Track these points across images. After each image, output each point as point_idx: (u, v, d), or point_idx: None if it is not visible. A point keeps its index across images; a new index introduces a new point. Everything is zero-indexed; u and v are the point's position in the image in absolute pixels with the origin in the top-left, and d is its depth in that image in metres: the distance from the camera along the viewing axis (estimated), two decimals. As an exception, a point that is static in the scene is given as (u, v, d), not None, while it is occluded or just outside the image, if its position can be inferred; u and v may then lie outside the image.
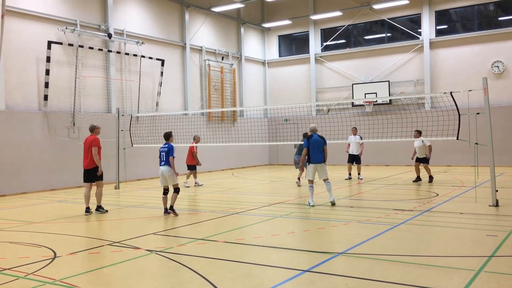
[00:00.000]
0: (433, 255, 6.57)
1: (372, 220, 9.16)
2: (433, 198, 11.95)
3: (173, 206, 10.21)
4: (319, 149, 11.10)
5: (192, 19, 22.52)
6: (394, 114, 19.70)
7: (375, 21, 24.61)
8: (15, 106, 15.44)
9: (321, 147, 11.13)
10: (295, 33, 27.13)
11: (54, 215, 10.79)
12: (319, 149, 11.10)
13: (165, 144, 10.32)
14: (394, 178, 17.13)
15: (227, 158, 23.74)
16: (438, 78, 22.69)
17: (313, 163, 11.12)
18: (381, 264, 6.18)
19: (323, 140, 11.23)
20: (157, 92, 20.31)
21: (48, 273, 6.07)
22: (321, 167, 11.19)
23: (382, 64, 24.03)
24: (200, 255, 6.84)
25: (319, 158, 11.10)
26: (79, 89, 17.14)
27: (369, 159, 23.49)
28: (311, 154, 11.10)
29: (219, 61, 23.97)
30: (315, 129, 11.43)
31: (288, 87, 26.71)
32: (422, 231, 8.23)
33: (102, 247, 7.49)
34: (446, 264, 6.13)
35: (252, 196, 13.86)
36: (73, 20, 17.14)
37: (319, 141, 11.14)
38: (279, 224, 9.34)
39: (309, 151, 11.11)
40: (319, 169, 11.20)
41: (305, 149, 11.19)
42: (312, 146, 11.08)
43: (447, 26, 23.18)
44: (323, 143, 11.19)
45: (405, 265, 6.09)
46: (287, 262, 6.44)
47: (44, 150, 15.95)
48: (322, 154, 11.13)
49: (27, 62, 15.83)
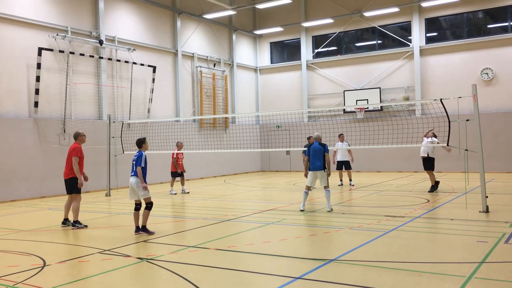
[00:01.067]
0: (424, 261, 6.58)
1: (363, 226, 9.17)
2: (424, 204, 12.00)
3: (145, 226, 8.96)
4: (319, 156, 11.23)
5: (184, 25, 22.54)
6: (385, 121, 19.81)
7: (366, 28, 24.80)
8: (5, 113, 15.32)
9: (321, 155, 11.23)
10: (286, 40, 27.25)
11: (44, 223, 10.69)
12: (318, 157, 11.22)
13: (137, 152, 9.18)
14: (386, 184, 17.19)
15: (219, 165, 23.70)
16: (428, 85, 22.87)
17: (312, 170, 11.31)
18: (373, 271, 6.18)
19: (324, 148, 11.32)
20: (149, 98, 20.26)
21: (38, 282, 6.00)
22: (321, 174, 11.31)
23: (373, 71, 24.19)
24: (192, 262, 6.80)
25: (318, 166, 11.24)
26: (70, 95, 17.05)
27: (361, 165, 23.57)
28: (311, 162, 11.31)
29: (211, 68, 24.00)
30: (319, 138, 11.57)
31: (280, 94, 26.78)
32: (414, 237, 8.25)
33: (92, 255, 7.43)
34: (438, 271, 6.14)
35: (244, 203, 13.83)
36: (64, 27, 17.08)
37: (319, 148, 11.28)
38: (271, 231, 9.32)
39: (310, 158, 11.32)
40: (319, 176, 11.34)
41: (306, 157, 11.47)
42: (312, 153, 11.29)
43: (437, 34, 23.41)
44: (324, 151, 11.28)
45: (397, 272, 6.09)
46: (279, 269, 6.42)
47: (34, 157, 15.82)
48: (321, 161, 11.23)
49: (17, 68, 15.73)
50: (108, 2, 18.83)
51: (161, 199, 14.80)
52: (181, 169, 16.15)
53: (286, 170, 25.86)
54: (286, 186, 18.16)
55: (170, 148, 17.59)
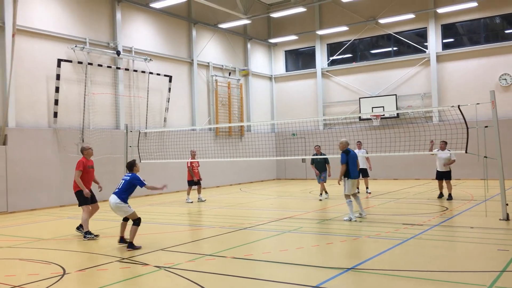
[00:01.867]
0: (444, 270, 6.50)
1: (381, 234, 9.09)
2: (443, 212, 11.85)
3: (132, 242, 8.46)
4: (356, 164, 11.10)
5: (199, 35, 22.76)
6: (402, 128, 19.66)
7: (381, 35, 24.71)
8: (26, 123, 15.61)
9: (356, 162, 11.15)
10: (301, 48, 27.30)
11: (64, 232, 10.82)
12: (355, 164, 11.08)
13: (129, 173, 9.05)
14: (403, 192, 17.02)
15: (235, 173, 23.75)
16: (445, 91, 22.66)
17: (354, 178, 11.03)
18: (391, 280, 6.12)
19: (356, 155, 11.27)
20: (165, 108, 20.45)
21: (58, 290, 6.07)
22: (356, 182, 11.31)
23: (389, 78, 24.07)
24: (209, 271, 6.82)
25: (357, 173, 11.20)
26: (88, 106, 17.31)
27: (377, 173, 23.38)
28: (352, 169, 10.92)
29: (226, 77, 24.14)
30: (348, 143, 11.29)
31: (295, 102, 26.79)
32: (432, 246, 8.15)
33: (111, 263, 7.50)
34: (458, 279, 6.06)
35: (260, 211, 13.82)
36: (82, 38, 17.39)
37: (355, 155, 11.17)
38: (287, 239, 9.29)
39: (349, 166, 10.89)
40: (355, 184, 11.19)
41: (344, 165, 10.85)
42: (352, 161, 10.96)
43: (453, 40, 23.22)
44: (357, 158, 11.23)
45: (416, 281, 6.03)
46: (296, 277, 6.40)
47: (54, 167, 16.06)
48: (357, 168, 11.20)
49: (37, 80, 16.04)
50: (125, 14, 19.13)
51: (178, 208, 14.89)
52: (197, 177, 16.22)
53: (301, 178, 25.79)
54: (302, 194, 18.11)
55: (186, 157, 17.70)
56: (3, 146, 14.71)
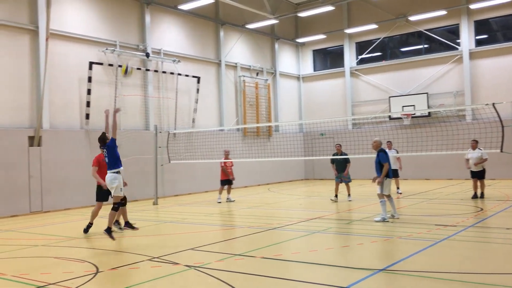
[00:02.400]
0: (479, 272, 6.33)
1: (413, 235, 8.92)
2: (477, 213, 11.55)
3: (110, 228, 8.90)
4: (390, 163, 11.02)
5: (227, 36, 22.86)
6: (434, 127, 19.26)
7: (412, 32, 24.29)
8: (59, 125, 16.00)
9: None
10: (329, 47, 27.09)
11: (96, 231, 11.02)
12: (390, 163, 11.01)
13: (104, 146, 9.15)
14: (435, 192, 16.67)
15: (263, 173, 23.75)
16: (479, 89, 22.09)
17: (391, 177, 11.03)
18: (424, 282, 5.99)
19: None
20: (193, 108, 20.62)
21: (91, 288, 6.20)
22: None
23: (419, 76, 23.63)
24: (239, 270, 6.83)
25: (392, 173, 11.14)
26: (119, 107, 17.57)
27: (409, 173, 22.98)
28: (390, 168, 10.87)
29: (254, 77, 24.17)
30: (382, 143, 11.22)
31: (323, 101, 26.61)
32: (467, 247, 7.95)
33: (142, 262, 7.59)
34: (493, 282, 5.88)
35: (289, 211, 13.77)
36: (113, 41, 17.71)
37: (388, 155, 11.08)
38: (317, 240, 9.22)
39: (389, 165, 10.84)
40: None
41: (386, 164, 10.72)
42: (389, 160, 10.89)
43: (487, 36, 22.62)
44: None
45: (450, 283, 5.88)
46: (326, 278, 6.34)
47: (86, 167, 16.33)
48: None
49: (70, 82, 16.43)
50: (154, 16, 19.39)
51: (206, 208, 14.98)
52: (231, 176, 16.19)
53: (330, 178, 25.50)
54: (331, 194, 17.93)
55: (215, 157, 17.80)
56: (38, 148, 15.12)
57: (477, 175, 14.07)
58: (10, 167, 14.45)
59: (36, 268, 7.54)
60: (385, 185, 10.80)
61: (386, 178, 10.78)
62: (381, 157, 10.74)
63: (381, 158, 10.72)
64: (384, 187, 10.80)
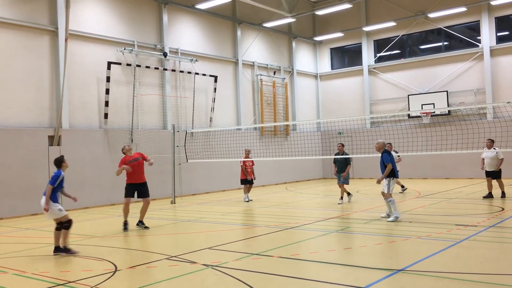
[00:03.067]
0: (500, 273, 6.20)
1: (432, 235, 8.79)
2: (499, 212, 11.33)
3: (66, 246, 8.35)
4: (395, 163, 11.20)
5: (244, 35, 22.86)
6: (454, 125, 18.96)
7: (431, 30, 23.95)
8: (78, 124, 16.20)
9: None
10: (347, 45, 26.88)
11: (115, 229, 11.14)
12: (395, 163, 11.18)
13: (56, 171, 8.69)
14: (455, 192, 16.42)
15: (281, 172, 23.70)
16: (500, 87, 21.68)
17: (397, 177, 11.15)
18: (444, 283, 5.90)
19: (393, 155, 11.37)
20: (211, 108, 20.68)
21: (110, 286, 6.25)
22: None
23: (439, 74, 23.30)
24: (256, 270, 6.82)
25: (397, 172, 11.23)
26: (137, 107, 17.75)
27: (427, 172, 22.71)
28: (394, 169, 11.02)
29: (271, 76, 24.12)
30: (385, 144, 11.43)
31: (341, 100, 26.43)
32: (488, 248, 7.80)
33: (160, 261, 7.64)
34: (516, 284, 5.76)
35: (307, 211, 13.71)
36: (130, 41, 17.86)
37: (392, 156, 11.26)
38: (334, 239, 9.16)
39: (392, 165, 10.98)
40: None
41: (390, 165, 10.87)
42: (393, 161, 11.07)
43: (508, 33, 22.17)
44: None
45: (471, 284, 5.77)
46: (344, 278, 6.29)
47: (104, 166, 16.57)
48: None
49: (88, 82, 16.62)
50: (171, 16, 19.49)
51: (224, 207, 15.01)
52: (251, 176, 16.18)
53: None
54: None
55: (232, 157, 17.82)
56: (58, 147, 15.33)
57: (491, 174, 13.89)
58: (31, 166, 14.69)
59: (55, 266, 7.64)
60: (391, 185, 10.99)
61: (393, 178, 10.96)
62: (384, 158, 10.96)
63: (384, 158, 10.95)
64: (391, 187, 10.98)
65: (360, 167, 23.91)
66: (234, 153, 18.07)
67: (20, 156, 14.49)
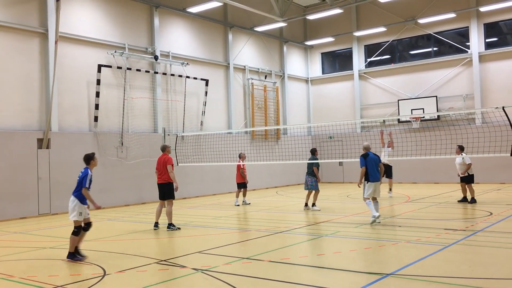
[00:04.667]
0: (489, 277, 6.25)
1: (422, 240, 8.84)
2: (487, 217, 11.42)
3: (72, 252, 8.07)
4: (376, 167, 11.07)
5: (235, 39, 22.89)
6: (443, 130, 19.13)
7: (421, 35, 24.16)
8: (68, 127, 16.09)
9: (378, 165, 11.10)
10: (338, 50, 27.03)
11: (104, 234, 11.06)
12: (376, 167, 11.05)
13: (83, 169, 8.65)
14: (445, 196, 16.53)
15: (271, 176, 23.71)
16: (489, 93, 21.91)
17: (373, 181, 10.99)
18: (433, 287, 5.93)
19: (378, 158, 11.22)
20: (202, 111, 20.65)
21: (98, 291, 6.20)
22: (378, 186, 11.11)
23: (429, 79, 23.49)
24: (246, 274, 6.80)
25: (377, 177, 11.05)
26: (127, 110, 17.68)
27: (417, 176, 22.86)
28: (371, 173, 10.96)
29: (262, 80, 24.17)
30: (369, 147, 11.35)
31: (332, 104, 26.54)
32: (476, 252, 7.86)
33: (150, 265, 7.59)
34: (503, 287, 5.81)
35: (297, 215, 13.71)
36: (121, 44, 17.80)
37: (375, 159, 11.13)
38: (324, 244, 9.17)
39: (367, 169, 10.96)
40: (376, 188, 11.06)
41: (363, 168, 10.96)
42: (370, 164, 10.98)
43: (497, 39, 22.44)
44: (379, 161, 11.17)
45: (459, 288, 5.81)
46: (334, 283, 6.30)
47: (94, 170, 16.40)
48: (379, 172, 11.08)
49: (78, 85, 16.52)
50: (163, 19, 19.46)
51: (215, 211, 14.97)
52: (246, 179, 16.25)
53: (339, 182, 25.48)
54: (340, 197, 17.87)
55: (223, 160, 17.80)
56: (47, 150, 15.21)
57: (464, 179, 14.23)
58: (20, 169, 14.55)
59: (44, 270, 7.56)
60: (366, 188, 11.02)
61: (367, 182, 10.98)
62: (360, 161, 11.04)
63: (360, 162, 11.03)
64: (366, 190, 11.03)
65: (350, 171, 24.03)
66: (225, 157, 18.06)
67: (8, 159, 14.35)
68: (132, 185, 17.36)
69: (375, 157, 11.12)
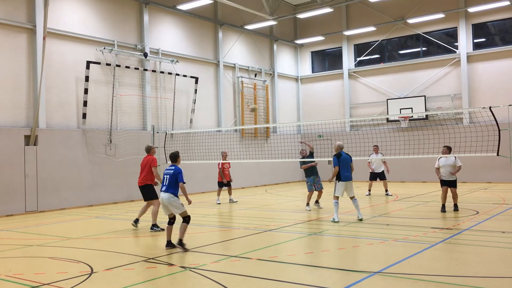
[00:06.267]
0: (474, 275, 6.32)
1: (409, 238, 8.91)
2: (473, 216, 11.55)
3: (181, 240, 8.39)
4: (348, 166, 11.35)
5: (225, 37, 22.85)
6: (431, 130, 19.29)
7: (410, 35, 24.31)
8: (56, 124, 15.95)
9: (349, 165, 11.39)
10: (328, 49, 27.10)
11: (92, 231, 11.00)
12: (348, 167, 11.34)
13: (171, 166, 8.92)
14: (432, 195, 16.68)
15: (261, 175, 23.73)
16: (476, 93, 22.12)
17: (344, 180, 11.26)
18: (420, 285, 5.98)
19: (350, 158, 11.50)
20: (191, 109, 20.59)
21: (85, 289, 6.16)
22: (350, 185, 11.35)
23: (417, 79, 23.66)
24: (234, 272, 6.81)
25: (349, 176, 11.29)
26: (116, 107, 17.57)
27: (406, 175, 23.01)
28: (342, 172, 11.23)
29: (252, 78, 24.16)
30: (343, 147, 11.62)
31: (321, 103, 26.61)
32: (463, 251, 7.95)
33: (137, 263, 7.57)
34: (488, 286, 5.87)
35: (286, 213, 13.75)
36: (110, 41, 17.67)
37: (348, 158, 11.41)
38: (313, 242, 9.21)
39: (340, 169, 11.21)
40: (348, 187, 11.32)
41: (336, 167, 11.23)
42: (342, 164, 11.26)
43: (485, 39, 22.66)
44: (351, 160, 11.46)
45: (446, 286, 5.87)
46: (322, 281, 6.32)
47: (82, 167, 16.35)
48: (350, 171, 11.34)
49: (67, 81, 16.38)
50: (152, 16, 19.36)
51: (203, 209, 14.95)
52: (227, 178, 16.20)
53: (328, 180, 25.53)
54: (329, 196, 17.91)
55: (212, 158, 17.77)
56: (34, 147, 15.07)
57: (449, 183, 12.37)
58: (6, 166, 14.40)
59: (30, 268, 7.50)
60: (337, 187, 11.28)
61: (338, 181, 11.24)
62: (333, 160, 11.30)
63: (334, 161, 11.28)
64: (337, 189, 11.31)
65: (340, 170, 24.07)
66: (214, 155, 18.03)
67: (-5, 156, 14.19)
68: (120, 183, 17.27)
69: (347, 157, 11.40)
